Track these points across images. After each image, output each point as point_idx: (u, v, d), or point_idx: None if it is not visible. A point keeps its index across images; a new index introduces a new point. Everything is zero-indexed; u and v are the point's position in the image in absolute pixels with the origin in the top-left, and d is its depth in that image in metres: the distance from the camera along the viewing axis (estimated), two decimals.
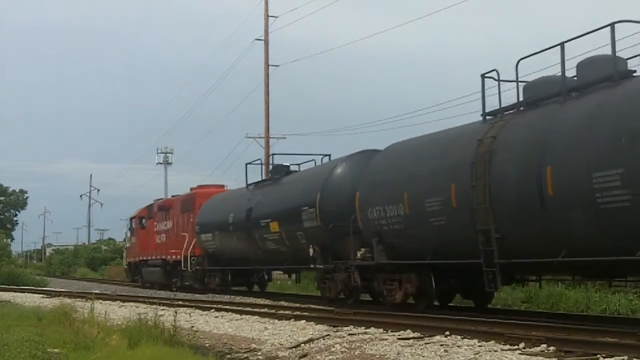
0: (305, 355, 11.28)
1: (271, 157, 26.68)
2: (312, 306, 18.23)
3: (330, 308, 17.06)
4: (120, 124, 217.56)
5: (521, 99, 14.11)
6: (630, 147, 10.61)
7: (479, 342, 10.73)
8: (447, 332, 11.66)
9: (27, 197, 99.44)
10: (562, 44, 13.01)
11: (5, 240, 63.52)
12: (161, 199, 37.68)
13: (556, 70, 13.74)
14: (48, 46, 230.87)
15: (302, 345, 12.02)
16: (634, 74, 12.33)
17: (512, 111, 14.25)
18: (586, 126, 11.70)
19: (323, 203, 19.69)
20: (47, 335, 13.15)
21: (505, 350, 10.01)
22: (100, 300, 22.97)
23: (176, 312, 14.02)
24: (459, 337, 11.29)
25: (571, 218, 11.79)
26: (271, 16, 38.93)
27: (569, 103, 12.72)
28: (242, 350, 12.48)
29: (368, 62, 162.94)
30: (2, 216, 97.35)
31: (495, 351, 9.94)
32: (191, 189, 34.17)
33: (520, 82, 14.17)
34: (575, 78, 13.36)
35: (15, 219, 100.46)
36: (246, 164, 26.62)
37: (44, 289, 37.35)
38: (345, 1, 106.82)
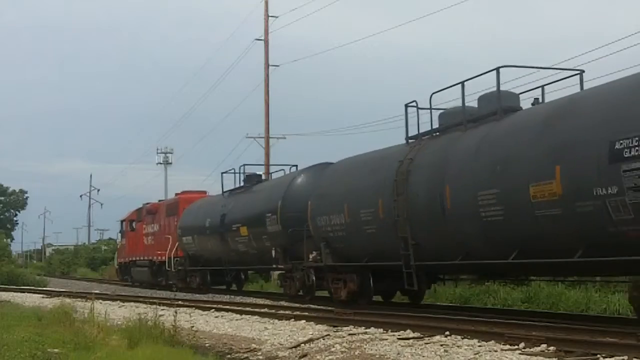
0: (305, 355, 11.34)
1: (243, 167, 28.65)
2: (312, 306, 18.55)
3: (330, 308, 17.39)
4: (120, 124, 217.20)
5: (437, 125, 16.51)
6: (502, 172, 13.16)
7: (479, 342, 10.76)
8: (447, 332, 11.73)
9: (27, 197, 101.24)
10: (462, 83, 15.42)
11: (5, 240, 64.26)
12: (149, 203, 39.21)
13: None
14: (48, 46, 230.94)
15: (302, 345, 12.08)
16: (517, 110, 14.52)
17: (427, 136, 16.69)
18: (474, 154, 14.14)
19: (283, 210, 22.12)
20: (47, 335, 13.17)
21: (505, 350, 10.04)
22: (100, 300, 23.13)
23: (176, 312, 14.09)
24: (459, 337, 11.33)
25: (464, 228, 14.17)
26: (271, 16, 39.08)
27: (466, 132, 15.04)
28: (242, 350, 12.54)
29: (368, 62, 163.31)
30: (2, 216, 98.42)
31: (495, 351, 9.97)
32: (176, 194, 36.93)
33: (440, 109, 16.69)
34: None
35: (15, 219, 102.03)
36: (222, 173, 29.00)
37: (44, 289, 37.55)
38: (345, 1, 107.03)
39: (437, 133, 16.40)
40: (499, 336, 10.80)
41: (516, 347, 10.13)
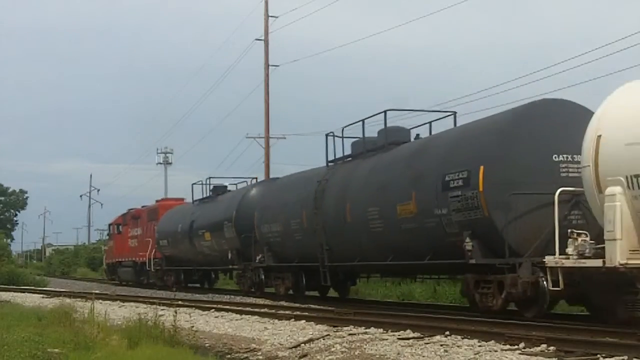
0: (305, 355, 11.47)
1: (209, 179, 32.54)
2: (312, 306, 19.19)
3: (330, 308, 17.98)
4: (120, 124, 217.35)
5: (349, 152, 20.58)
6: (382, 194, 16.99)
7: (479, 342, 10.89)
8: (447, 332, 11.89)
9: (27, 197, 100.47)
10: (362, 120, 19.50)
11: (5, 240, 63.71)
12: (133, 208, 43.00)
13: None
14: (48, 46, 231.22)
15: (302, 345, 12.24)
16: (404, 143, 18.18)
17: (340, 161, 20.73)
18: (366, 178, 18.16)
19: (237, 218, 26.11)
20: (47, 335, 13.25)
21: (505, 350, 10.15)
22: (100, 300, 23.43)
23: (176, 312, 14.19)
24: (459, 337, 11.47)
25: (360, 237, 18.07)
26: (271, 16, 39.02)
27: (365, 160, 18.96)
28: (242, 350, 12.70)
29: (368, 62, 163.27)
30: (2, 216, 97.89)
31: (495, 351, 10.09)
32: (156, 201, 40.96)
33: (353, 138, 20.51)
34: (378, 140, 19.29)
35: (15, 219, 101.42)
36: (192, 184, 33.29)
37: (44, 289, 37.91)
38: (346, 1, 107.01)
39: (348, 159, 20.42)
40: (499, 336, 10.97)
41: (516, 347, 10.28)
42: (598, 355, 9.36)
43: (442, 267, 16.62)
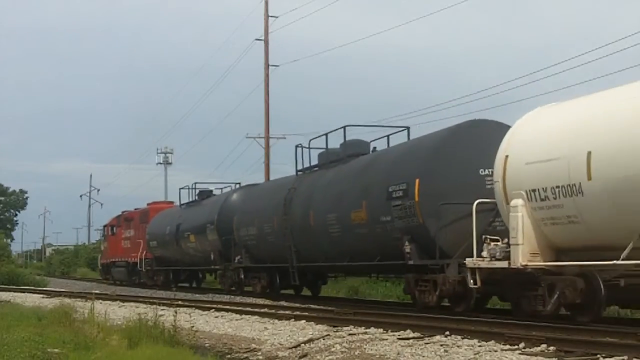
0: (305, 355, 11.61)
1: (194, 184, 34.91)
2: (312, 306, 19.73)
3: (330, 308, 18.47)
4: (120, 124, 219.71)
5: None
6: (339, 202, 19.24)
7: (479, 342, 11.03)
8: (447, 332, 12.09)
9: (27, 197, 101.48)
10: (326, 134, 21.99)
11: (5, 240, 64.90)
12: (126, 211, 45.39)
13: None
14: (48, 46, 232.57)
15: (302, 345, 12.38)
16: (363, 155, 20.19)
17: (308, 171, 22.96)
18: (326, 187, 20.47)
19: (219, 222, 28.51)
20: (47, 335, 13.35)
21: (505, 350, 10.26)
22: (100, 300, 23.85)
23: (176, 312, 14.34)
24: (459, 337, 11.63)
25: (322, 240, 20.25)
26: (271, 16, 39.53)
27: (327, 170, 21.20)
28: (242, 350, 12.83)
29: (368, 62, 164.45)
30: (2, 216, 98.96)
31: (495, 351, 10.20)
32: (147, 204, 43.41)
33: (319, 149, 22.72)
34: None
35: (15, 219, 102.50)
36: (180, 189, 35.81)
37: (44, 289, 38.65)
38: (346, 1, 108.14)
39: (315, 168, 22.66)
40: (499, 336, 11.17)
41: (516, 347, 10.43)
42: (598, 355, 9.51)
43: (389, 268, 18.96)
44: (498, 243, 13.92)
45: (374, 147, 20.80)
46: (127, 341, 12.72)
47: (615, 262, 11.58)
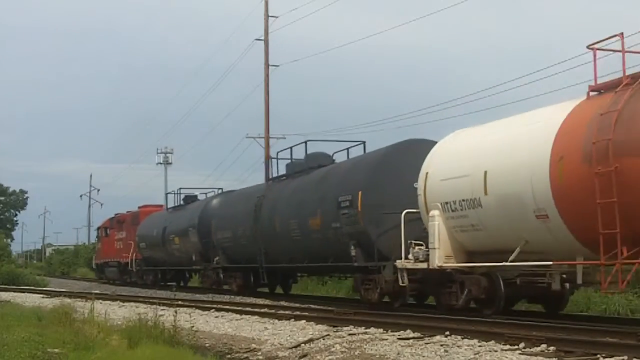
0: (305, 355, 11.79)
1: (180, 189, 37.92)
2: (312, 306, 20.32)
3: (330, 308, 19.01)
4: (120, 124, 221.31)
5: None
6: (299, 210, 22.11)
7: (479, 342, 11.21)
8: (447, 332, 12.33)
9: (27, 197, 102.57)
10: (291, 148, 25.86)
11: (5, 240, 65.73)
12: (119, 213, 48.84)
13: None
14: (48, 46, 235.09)
15: (302, 345, 12.58)
16: (324, 166, 22.95)
17: (277, 180, 26.13)
18: (290, 195, 23.41)
19: (200, 225, 31.42)
20: (47, 335, 13.51)
21: (505, 350, 10.41)
22: (100, 300, 24.37)
23: (176, 312, 14.50)
24: (459, 337, 11.83)
25: (286, 243, 23.14)
26: (271, 16, 39.97)
27: (293, 180, 24.11)
28: (242, 350, 13.04)
29: (368, 62, 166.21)
30: (2, 216, 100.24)
31: (495, 351, 10.34)
32: (138, 207, 46.50)
33: (287, 159, 25.99)
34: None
35: (15, 219, 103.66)
36: (166, 194, 39.65)
37: (44, 289, 39.60)
38: (346, 1, 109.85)
39: (283, 178, 25.42)
40: (499, 336, 11.39)
41: (516, 347, 10.62)
42: (598, 355, 9.68)
43: (341, 268, 21.88)
44: (422, 247, 16.64)
45: (334, 160, 23.62)
46: (127, 341, 12.99)
47: (504, 263, 14.35)
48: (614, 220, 11.76)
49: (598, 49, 13.21)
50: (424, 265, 16.27)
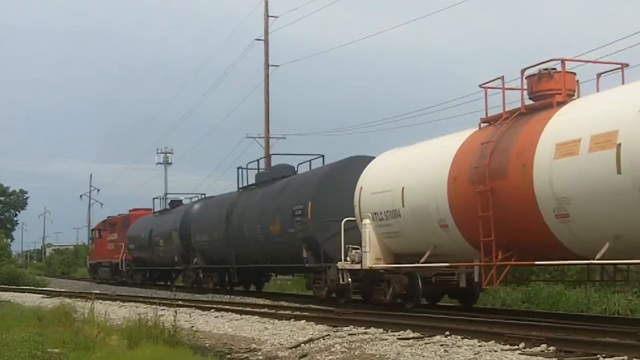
0: (305, 355, 11.92)
1: (166, 194, 41.71)
2: (312, 306, 20.74)
3: (330, 308, 19.41)
4: (120, 124, 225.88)
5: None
6: (262, 216, 25.32)
7: (479, 342, 11.32)
8: (447, 332, 12.46)
9: (27, 197, 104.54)
10: (258, 160, 30.47)
11: (5, 240, 67.95)
12: (111, 216, 52.60)
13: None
14: (48, 46, 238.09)
15: (302, 345, 12.71)
16: (289, 176, 26.17)
17: (247, 189, 29.12)
18: (257, 203, 26.68)
19: (181, 229, 34.63)
20: (47, 335, 13.64)
21: (505, 350, 10.51)
22: (100, 300, 24.77)
23: (176, 312, 14.59)
24: (459, 337, 11.95)
25: (253, 246, 26.54)
26: (271, 16, 40.85)
27: (260, 189, 27.42)
28: (242, 350, 13.19)
29: (368, 62, 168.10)
30: (2, 216, 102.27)
31: (495, 351, 10.44)
32: (129, 210, 49.59)
33: (256, 169, 29.84)
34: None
35: (15, 219, 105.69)
36: (153, 199, 42.72)
37: (44, 289, 40.39)
38: (346, 1, 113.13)
39: (252, 187, 28.50)
40: (499, 336, 11.51)
41: (516, 347, 10.72)
42: (598, 355, 9.78)
43: (297, 269, 25.31)
44: (358, 250, 19.69)
45: (296, 171, 26.70)
46: (127, 341, 13.12)
47: (417, 264, 17.52)
48: (490, 231, 14.80)
49: (488, 88, 16.34)
50: (358, 266, 19.37)
